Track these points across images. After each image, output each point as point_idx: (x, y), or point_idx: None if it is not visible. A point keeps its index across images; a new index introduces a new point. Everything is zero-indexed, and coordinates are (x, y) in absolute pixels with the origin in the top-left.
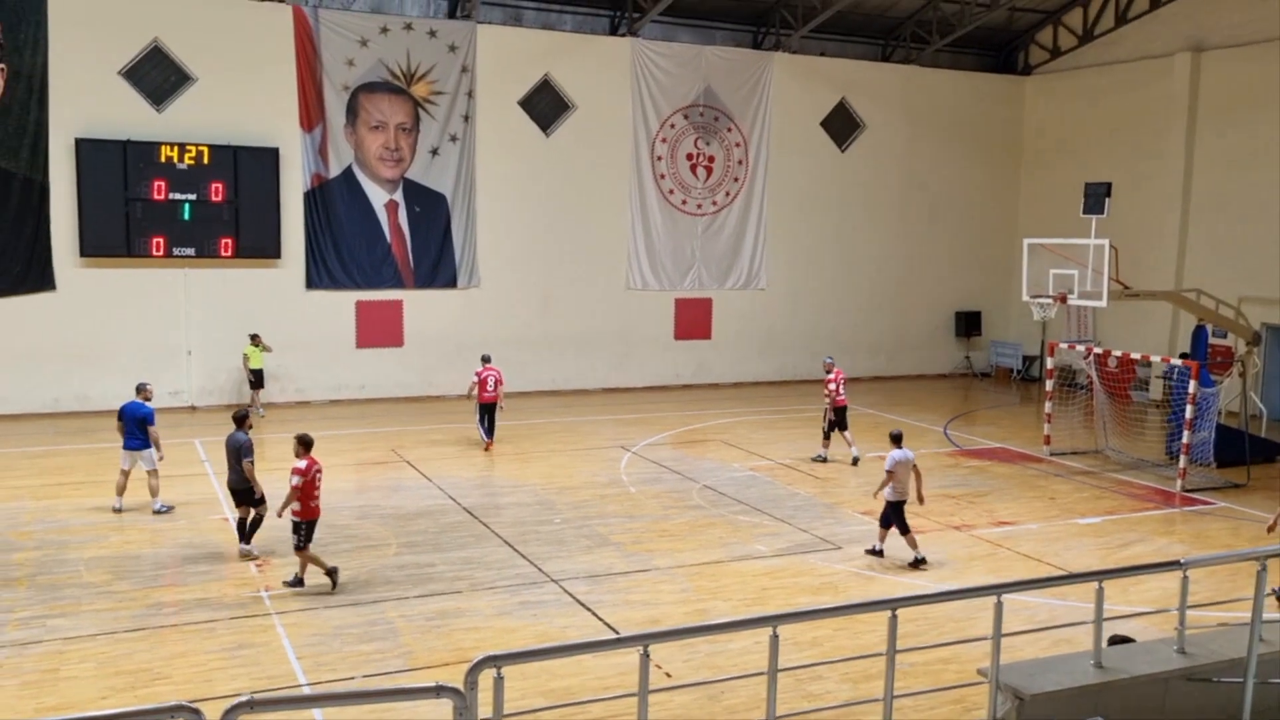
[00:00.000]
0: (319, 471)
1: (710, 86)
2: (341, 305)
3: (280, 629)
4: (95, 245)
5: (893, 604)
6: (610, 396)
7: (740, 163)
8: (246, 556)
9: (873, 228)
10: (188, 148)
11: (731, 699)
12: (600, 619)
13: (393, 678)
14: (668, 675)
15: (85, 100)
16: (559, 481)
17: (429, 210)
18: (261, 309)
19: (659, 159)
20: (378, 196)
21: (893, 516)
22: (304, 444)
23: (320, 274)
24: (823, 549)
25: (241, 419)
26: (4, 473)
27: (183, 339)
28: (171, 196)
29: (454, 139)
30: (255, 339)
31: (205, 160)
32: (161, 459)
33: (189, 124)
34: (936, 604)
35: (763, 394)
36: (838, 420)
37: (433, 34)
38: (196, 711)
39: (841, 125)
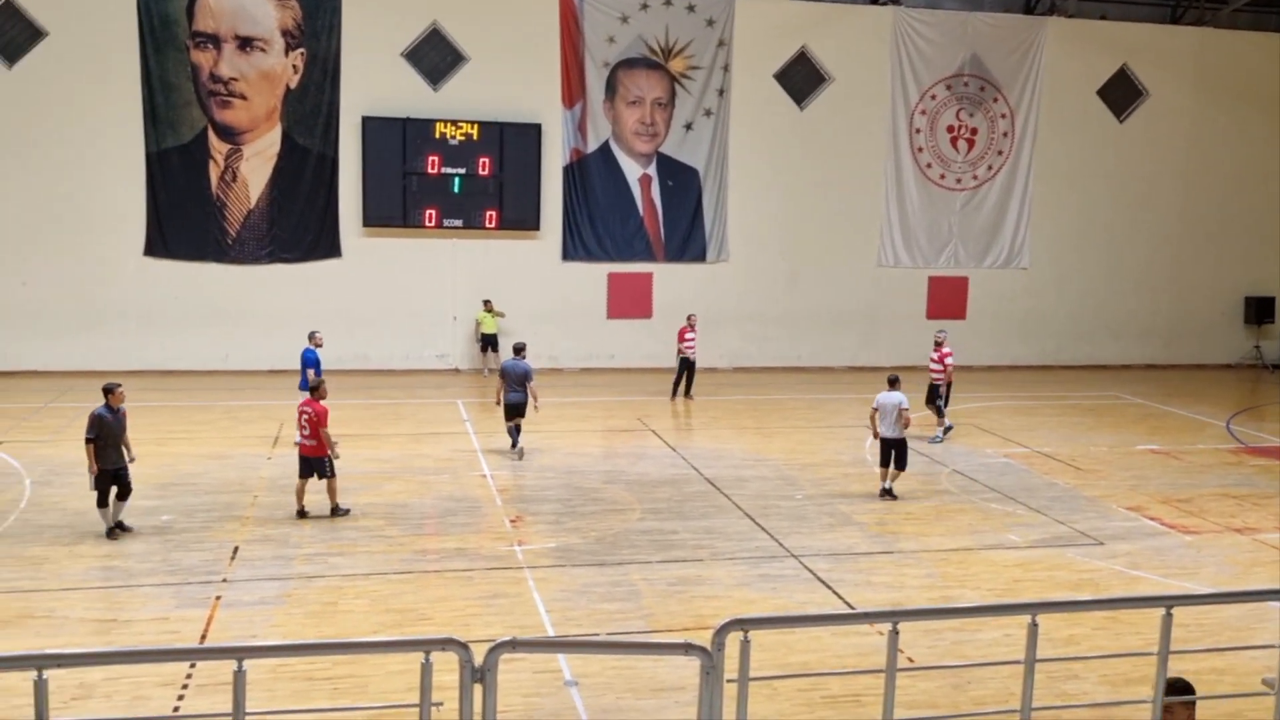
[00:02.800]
0: (303, 413)
1: (976, 55)
2: (594, 276)
3: (531, 583)
4: (376, 216)
5: (1168, 601)
6: (857, 375)
7: (1005, 135)
8: (519, 457)
9: (1151, 204)
10: (459, 124)
11: (979, 690)
12: (840, 597)
13: (634, 638)
14: (910, 660)
15: (371, 81)
16: (801, 458)
17: (681, 184)
18: (520, 279)
19: (917, 132)
20: (632, 171)
21: (883, 451)
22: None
23: (576, 246)
24: (1082, 543)
25: (520, 349)
26: (292, 423)
27: (449, 305)
28: (444, 171)
29: (708, 113)
30: (488, 305)
31: (475, 136)
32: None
33: (461, 102)
34: (1215, 606)
35: (1020, 378)
36: (946, 397)
37: (691, 9)
38: (464, 646)
39: (1121, 94)
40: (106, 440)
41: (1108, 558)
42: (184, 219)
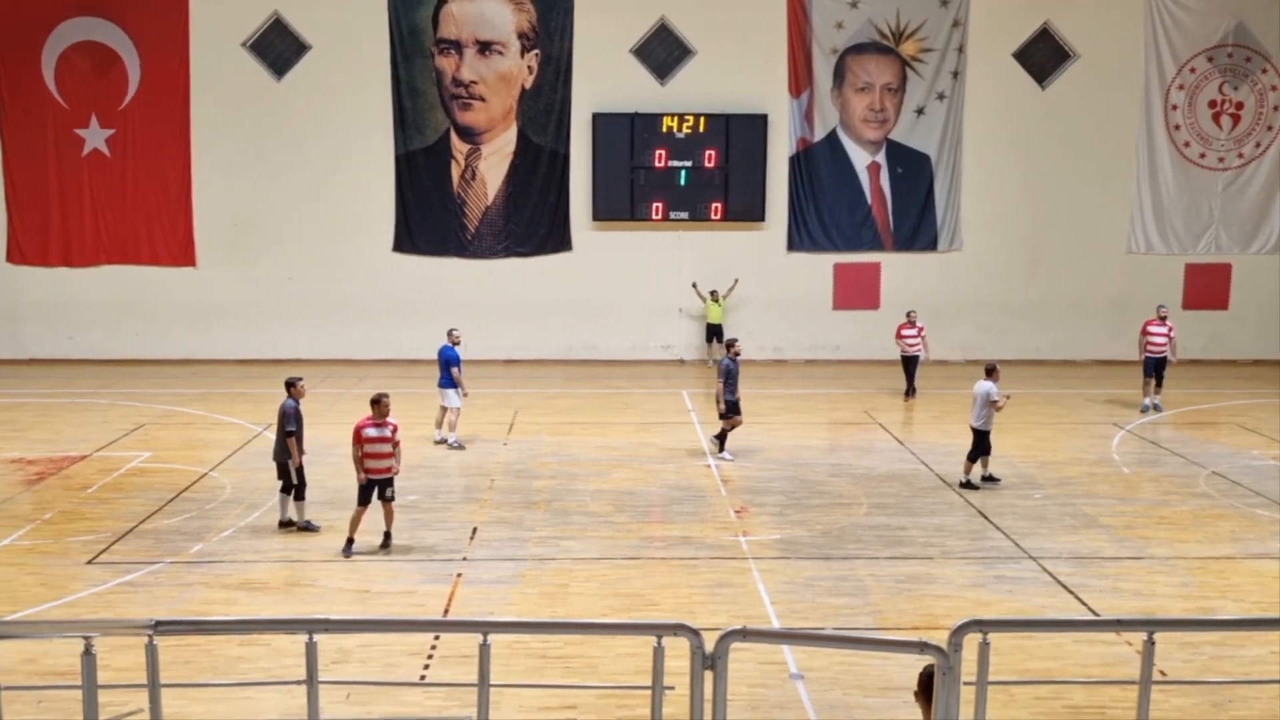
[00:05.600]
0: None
1: (1242, 23)
2: (820, 267)
3: (756, 574)
4: (605, 210)
5: None
6: (1103, 369)
7: (1276, 109)
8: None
9: None
10: (685, 117)
11: (1240, 710)
12: (1083, 603)
13: (861, 634)
14: (1162, 673)
15: (601, 78)
16: (1040, 455)
17: (911, 171)
18: (745, 270)
19: (1174, 108)
20: (860, 158)
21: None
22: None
23: (801, 236)
24: None
25: (730, 346)
26: (526, 411)
27: (675, 297)
28: (670, 164)
29: (941, 97)
30: (714, 295)
31: (700, 129)
32: (465, 395)
33: (687, 95)
34: None
35: None
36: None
37: None
38: (696, 632)
39: None
40: (299, 433)
41: None
42: (428, 216)
